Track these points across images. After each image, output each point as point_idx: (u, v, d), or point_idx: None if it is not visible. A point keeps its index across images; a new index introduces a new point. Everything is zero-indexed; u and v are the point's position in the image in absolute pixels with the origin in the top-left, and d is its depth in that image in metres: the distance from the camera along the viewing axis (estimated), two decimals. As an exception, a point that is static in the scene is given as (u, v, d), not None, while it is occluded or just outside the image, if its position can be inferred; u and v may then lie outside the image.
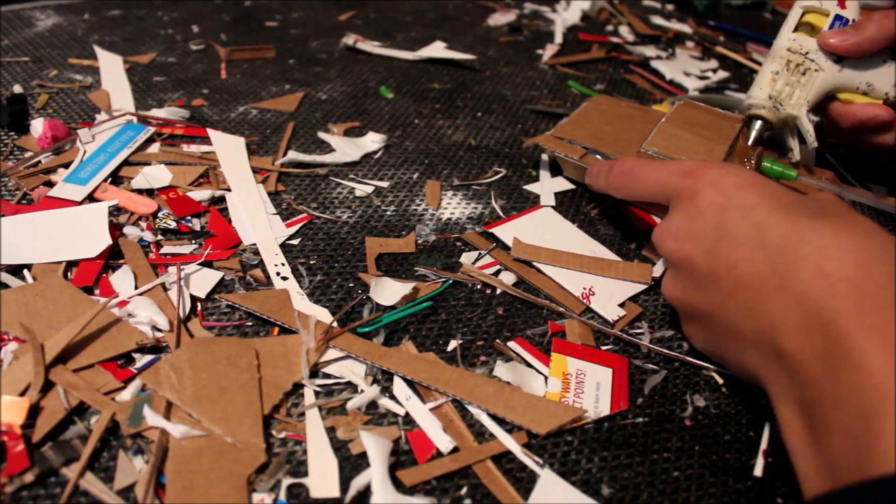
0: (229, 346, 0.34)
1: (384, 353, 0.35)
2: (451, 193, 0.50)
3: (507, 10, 0.93)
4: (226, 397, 0.31)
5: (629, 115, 0.53)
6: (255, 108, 0.59)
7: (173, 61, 0.67)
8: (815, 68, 0.48)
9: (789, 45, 0.49)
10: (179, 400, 0.31)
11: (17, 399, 0.30)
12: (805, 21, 0.50)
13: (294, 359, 0.34)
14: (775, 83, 0.49)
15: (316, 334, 0.35)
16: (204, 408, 0.31)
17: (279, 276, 0.40)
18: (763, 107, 0.49)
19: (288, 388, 0.33)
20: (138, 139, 0.51)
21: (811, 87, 0.48)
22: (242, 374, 0.33)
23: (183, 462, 0.29)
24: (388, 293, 0.39)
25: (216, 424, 0.30)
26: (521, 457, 0.31)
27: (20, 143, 0.50)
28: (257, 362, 0.33)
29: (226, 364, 0.33)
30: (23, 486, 0.27)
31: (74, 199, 0.44)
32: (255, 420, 0.31)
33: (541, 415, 0.32)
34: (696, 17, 0.97)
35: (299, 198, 0.47)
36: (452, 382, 0.33)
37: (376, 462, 0.29)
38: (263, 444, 0.30)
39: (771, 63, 0.50)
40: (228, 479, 0.28)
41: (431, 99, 0.65)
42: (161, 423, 0.30)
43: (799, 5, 0.50)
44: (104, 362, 0.33)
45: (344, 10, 0.86)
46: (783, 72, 0.49)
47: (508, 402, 0.33)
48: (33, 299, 0.35)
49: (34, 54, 0.65)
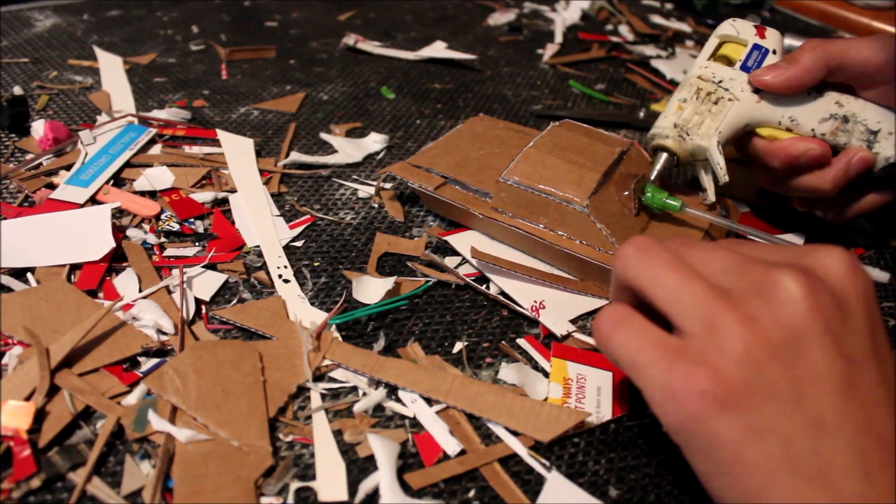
0: (233, 350, 0.34)
1: (382, 363, 0.34)
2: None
3: (507, 9, 0.93)
4: (230, 401, 0.31)
5: (505, 137, 0.48)
6: (257, 109, 0.59)
7: (173, 62, 0.67)
8: (729, 97, 0.42)
9: (700, 72, 0.43)
10: (184, 404, 0.31)
11: (22, 404, 0.30)
12: (721, 54, 0.44)
13: (297, 361, 0.34)
14: (682, 111, 0.42)
15: (314, 337, 0.35)
16: (209, 411, 0.31)
17: (281, 278, 0.40)
18: (667, 136, 0.42)
19: (292, 391, 0.33)
20: (140, 141, 0.51)
21: (723, 117, 0.42)
22: (247, 378, 0.32)
23: (189, 467, 0.29)
24: (369, 291, 0.39)
25: (222, 428, 0.30)
26: (528, 460, 0.31)
27: (21, 145, 0.50)
28: (261, 365, 0.33)
29: (230, 367, 0.33)
30: (29, 491, 0.27)
31: (77, 202, 0.43)
32: (260, 423, 0.31)
33: (544, 422, 0.32)
34: (695, 16, 0.97)
35: (302, 199, 0.47)
36: (453, 392, 0.33)
37: (384, 464, 0.29)
38: (270, 447, 0.30)
39: (680, 91, 0.44)
40: (236, 483, 0.28)
41: (433, 99, 0.64)
42: (166, 427, 0.30)
43: (715, 35, 0.45)
44: (109, 366, 0.33)
45: (343, 10, 0.86)
46: (692, 100, 0.43)
47: (511, 410, 0.33)
48: (37, 303, 0.35)
49: (34, 55, 0.65)
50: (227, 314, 0.37)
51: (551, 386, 0.35)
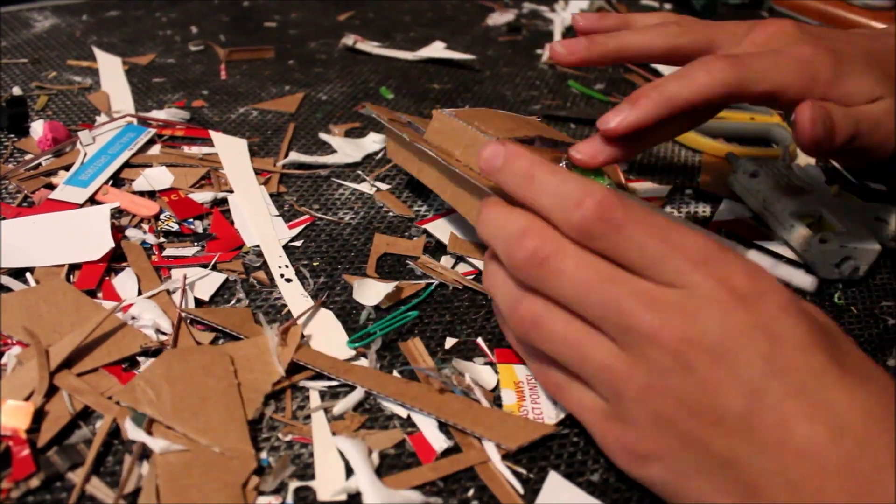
0: (203, 356, 0.33)
1: (349, 367, 0.34)
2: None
3: (506, 9, 0.93)
4: (207, 407, 0.31)
5: (489, 115, 0.43)
6: (256, 110, 0.59)
7: (172, 62, 0.67)
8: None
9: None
10: (160, 415, 0.30)
11: (21, 404, 0.30)
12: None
13: (268, 359, 0.34)
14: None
15: (279, 334, 0.35)
16: (186, 420, 0.30)
17: (283, 277, 0.40)
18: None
19: (268, 391, 0.32)
20: (139, 141, 0.51)
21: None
22: (220, 382, 0.32)
23: (174, 478, 0.28)
24: (370, 293, 0.39)
25: (201, 435, 0.30)
26: (500, 467, 0.30)
27: (20, 145, 0.50)
28: (233, 368, 0.33)
29: (202, 374, 0.32)
30: (28, 491, 0.27)
31: (76, 202, 0.43)
32: (240, 427, 0.30)
33: (510, 429, 0.31)
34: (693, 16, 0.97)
35: (301, 199, 0.47)
36: (420, 397, 0.33)
37: (358, 464, 0.29)
38: (252, 449, 0.29)
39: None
40: (223, 490, 0.28)
41: (432, 99, 0.65)
42: (142, 437, 0.29)
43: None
44: (108, 366, 0.33)
45: (342, 11, 0.86)
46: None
47: (477, 416, 0.32)
48: (36, 303, 0.35)
49: (32, 56, 0.65)
50: (198, 312, 0.36)
51: (504, 393, 0.34)
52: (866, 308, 0.43)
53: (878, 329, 0.42)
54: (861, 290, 0.45)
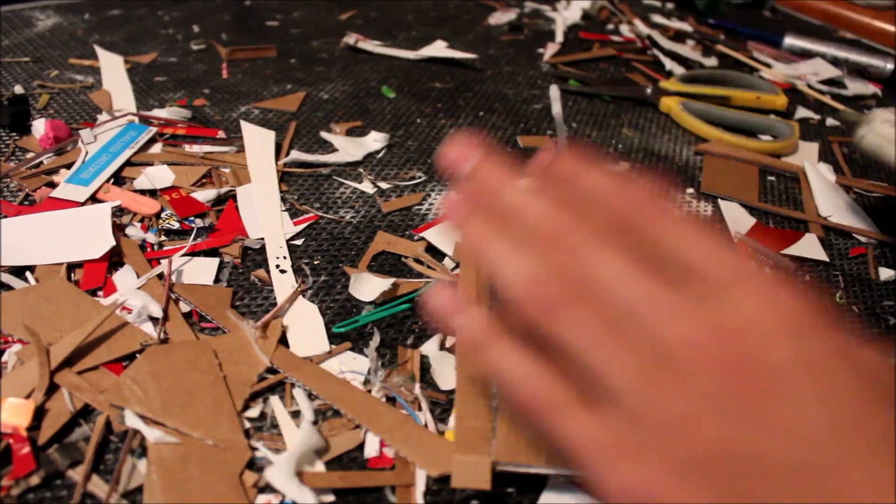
0: (186, 351, 0.34)
1: (299, 365, 0.34)
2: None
3: (508, 9, 0.93)
4: (196, 401, 0.31)
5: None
6: (257, 108, 0.59)
7: (174, 61, 0.67)
8: None
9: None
10: (150, 412, 0.30)
11: (22, 401, 0.30)
12: None
13: (251, 351, 0.34)
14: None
15: (258, 328, 0.35)
16: (176, 415, 0.30)
17: (278, 268, 0.40)
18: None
19: (254, 381, 0.33)
20: (140, 139, 0.51)
21: None
22: (206, 376, 0.32)
23: (171, 473, 0.28)
24: (367, 289, 0.39)
25: (193, 429, 0.30)
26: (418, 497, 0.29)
27: (22, 143, 0.50)
28: (218, 361, 0.33)
29: (187, 368, 0.32)
30: (29, 488, 0.27)
31: (77, 200, 0.43)
32: (230, 418, 0.31)
33: (437, 455, 0.30)
34: (696, 16, 0.97)
35: (302, 198, 0.47)
36: (355, 405, 0.32)
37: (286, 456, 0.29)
38: (245, 439, 0.30)
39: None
40: (221, 481, 0.28)
41: (433, 98, 0.64)
42: (138, 425, 0.29)
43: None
44: (108, 363, 0.33)
45: (345, 10, 0.86)
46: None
47: (407, 436, 0.31)
48: (36, 301, 0.35)
49: (34, 55, 0.65)
50: (178, 289, 0.37)
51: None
52: (868, 307, 0.43)
53: (880, 328, 0.42)
54: (862, 289, 0.45)
